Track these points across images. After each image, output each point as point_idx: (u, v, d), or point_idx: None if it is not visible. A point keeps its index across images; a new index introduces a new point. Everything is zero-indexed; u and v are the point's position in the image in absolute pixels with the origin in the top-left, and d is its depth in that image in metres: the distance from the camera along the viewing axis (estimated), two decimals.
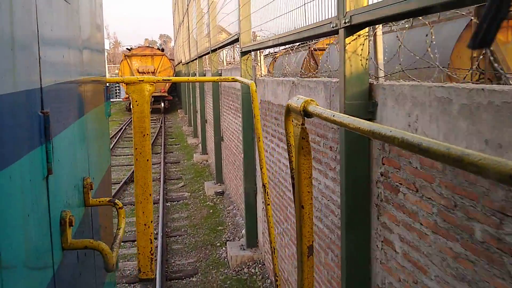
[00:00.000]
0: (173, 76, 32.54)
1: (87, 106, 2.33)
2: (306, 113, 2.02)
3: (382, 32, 3.86)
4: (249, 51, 8.07)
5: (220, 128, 13.09)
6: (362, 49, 3.56)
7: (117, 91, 39.39)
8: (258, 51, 8.02)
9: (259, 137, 3.40)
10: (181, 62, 31.83)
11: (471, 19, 3.54)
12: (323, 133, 4.57)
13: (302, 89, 5.16)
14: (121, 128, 25.56)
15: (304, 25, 4.87)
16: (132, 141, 16.27)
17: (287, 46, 7.52)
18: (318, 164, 4.72)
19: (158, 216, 10.29)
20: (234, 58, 15.34)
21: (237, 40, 8.94)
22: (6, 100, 1.12)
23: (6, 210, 1.13)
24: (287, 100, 6.63)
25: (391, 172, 3.30)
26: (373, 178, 3.53)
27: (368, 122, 1.45)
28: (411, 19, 3.48)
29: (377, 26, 3.49)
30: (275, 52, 11.18)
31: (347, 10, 3.54)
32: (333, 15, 3.90)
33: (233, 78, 3.89)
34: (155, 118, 30.23)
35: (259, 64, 8.15)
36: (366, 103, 3.58)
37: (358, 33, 3.52)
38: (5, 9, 1.15)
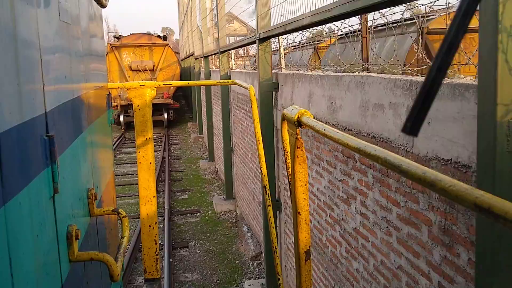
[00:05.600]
0: (179, 73, 24.47)
1: (91, 117, 2.41)
2: (300, 124, 2.12)
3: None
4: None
5: None
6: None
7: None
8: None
9: (259, 140, 3.48)
10: (192, 54, 22.85)
11: None
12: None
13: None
14: None
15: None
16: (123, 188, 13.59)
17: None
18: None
19: None
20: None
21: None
22: (13, 132, 1.20)
23: (16, 235, 1.21)
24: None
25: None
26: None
27: (355, 139, 1.53)
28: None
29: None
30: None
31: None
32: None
33: (232, 82, 3.96)
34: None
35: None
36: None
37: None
38: (10, 43, 1.23)
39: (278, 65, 7.51)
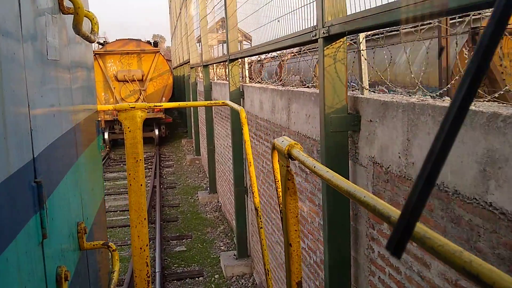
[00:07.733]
0: (172, 84, 21.97)
1: (80, 149, 2.39)
2: (290, 156, 2.11)
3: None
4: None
5: None
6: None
7: None
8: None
9: (250, 162, 3.48)
10: (187, 62, 20.36)
11: None
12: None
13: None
14: None
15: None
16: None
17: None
18: None
19: None
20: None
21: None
22: (1, 188, 1.19)
23: None
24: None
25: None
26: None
27: (346, 181, 1.51)
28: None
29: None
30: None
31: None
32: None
33: (223, 102, 3.96)
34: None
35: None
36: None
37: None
38: None
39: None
